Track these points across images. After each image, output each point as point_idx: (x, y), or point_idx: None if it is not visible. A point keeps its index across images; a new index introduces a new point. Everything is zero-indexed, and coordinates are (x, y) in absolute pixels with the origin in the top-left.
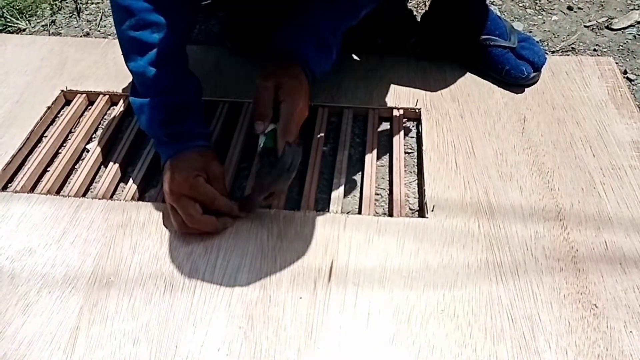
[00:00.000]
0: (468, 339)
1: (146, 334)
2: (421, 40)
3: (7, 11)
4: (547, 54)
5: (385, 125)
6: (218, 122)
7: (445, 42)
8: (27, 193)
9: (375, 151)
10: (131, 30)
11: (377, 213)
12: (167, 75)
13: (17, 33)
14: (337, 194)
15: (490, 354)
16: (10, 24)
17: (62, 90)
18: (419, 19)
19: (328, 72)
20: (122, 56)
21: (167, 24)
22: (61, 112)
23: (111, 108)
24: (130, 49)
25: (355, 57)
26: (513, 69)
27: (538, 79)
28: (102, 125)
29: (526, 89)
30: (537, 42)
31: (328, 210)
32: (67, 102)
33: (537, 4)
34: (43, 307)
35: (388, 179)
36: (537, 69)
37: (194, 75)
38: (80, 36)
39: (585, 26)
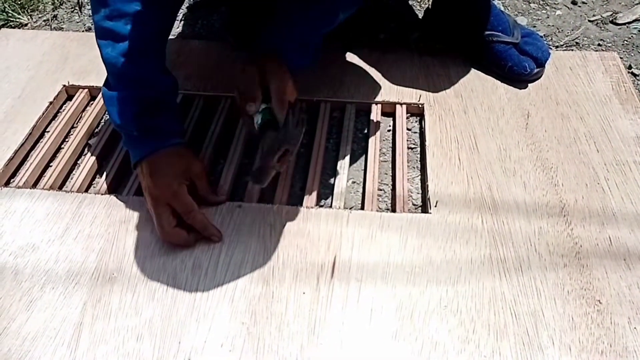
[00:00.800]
0: (471, 334)
1: (149, 330)
2: (424, 36)
3: (8, 6)
4: (551, 48)
5: (388, 121)
6: (220, 118)
7: (448, 38)
8: (30, 188)
9: (378, 146)
10: (105, 20)
11: (379, 208)
12: (140, 68)
13: (19, 28)
14: (340, 189)
15: (493, 350)
16: (12, 19)
17: (64, 85)
18: (421, 15)
19: (307, 67)
20: None
21: (143, 16)
22: (63, 107)
23: None
24: (103, 39)
25: (357, 52)
26: (516, 66)
27: (542, 75)
28: (104, 120)
29: (530, 85)
30: (541, 37)
31: (331, 206)
32: (69, 97)
33: None
34: (47, 303)
35: (391, 174)
36: (541, 64)
37: (170, 73)
38: (82, 31)
39: (589, 21)
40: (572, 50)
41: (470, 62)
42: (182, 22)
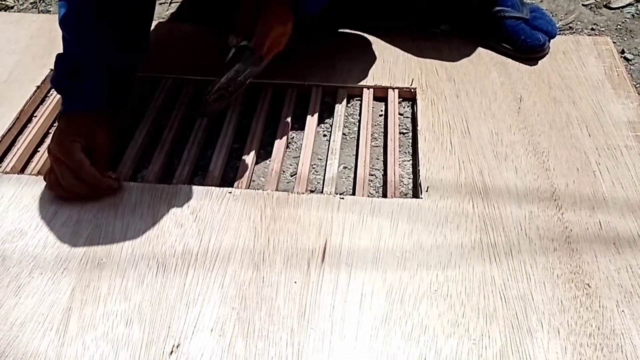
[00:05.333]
0: (461, 318)
1: (139, 315)
2: (428, 17)
3: None
4: None
5: (380, 105)
6: None
7: (454, 17)
8: (17, 174)
9: (369, 131)
10: None
11: (370, 194)
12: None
13: (5, 10)
14: (331, 174)
15: (482, 334)
16: None
17: (52, 69)
18: None
19: (317, 13)
20: None
21: None
22: (51, 92)
23: None
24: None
25: (350, 36)
26: (529, 38)
27: (549, 50)
28: None
29: (523, 69)
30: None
31: (322, 192)
32: None
33: None
34: (35, 289)
35: (382, 159)
36: (552, 37)
37: (127, 46)
38: None
39: (583, 5)
40: (566, 34)
41: (475, 40)
42: (174, 4)
